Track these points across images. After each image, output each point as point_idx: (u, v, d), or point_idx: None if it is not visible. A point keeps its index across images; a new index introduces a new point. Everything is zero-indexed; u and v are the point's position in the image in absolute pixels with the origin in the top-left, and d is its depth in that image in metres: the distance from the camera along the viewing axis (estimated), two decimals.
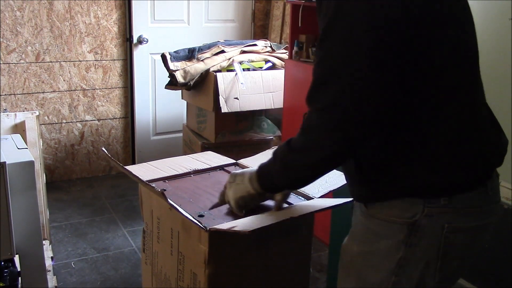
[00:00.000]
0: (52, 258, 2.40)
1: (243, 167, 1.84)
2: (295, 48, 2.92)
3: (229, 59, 2.95)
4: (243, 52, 3.05)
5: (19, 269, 1.64)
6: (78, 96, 3.50)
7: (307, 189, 1.60)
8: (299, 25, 2.87)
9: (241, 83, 2.87)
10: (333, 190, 1.59)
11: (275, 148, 1.24)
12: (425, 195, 1.05)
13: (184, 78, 2.86)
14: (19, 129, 2.36)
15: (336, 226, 2.14)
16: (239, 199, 1.27)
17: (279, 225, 1.51)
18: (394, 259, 1.08)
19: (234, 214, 1.44)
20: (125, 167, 1.55)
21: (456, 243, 1.08)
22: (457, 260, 1.11)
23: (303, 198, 1.58)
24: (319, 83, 1.02)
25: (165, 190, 1.61)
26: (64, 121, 3.50)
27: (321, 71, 1.02)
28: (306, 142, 1.06)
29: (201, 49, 2.96)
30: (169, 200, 1.37)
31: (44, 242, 2.04)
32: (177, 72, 2.85)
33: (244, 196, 1.26)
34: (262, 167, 1.21)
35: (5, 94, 3.26)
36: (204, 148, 2.88)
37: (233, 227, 1.28)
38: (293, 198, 1.57)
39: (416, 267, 1.08)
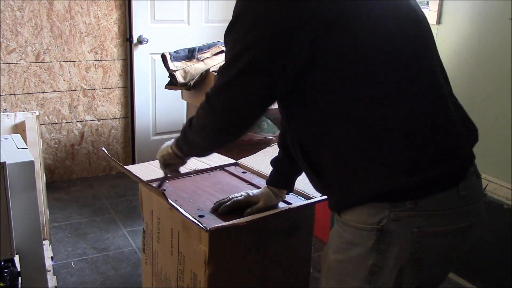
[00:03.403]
0: (52, 258, 2.40)
1: (243, 167, 1.84)
2: None
3: None
4: None
5: (19, 269, 1.64)
6: (78, 96, 3.50)
7: (307, 189, 1.60)
8: None
9: None
10: None
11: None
12: (390, 199, 1.02)
13: (184, 78, 2.86)
14: (19, 129, 2.36)
15: None
16: (161, 157, 1.42)
17: (278, 224, 1.52)
18: (366, 266, 1.06)
19: (234, 215, 1.45)
20: (125, 167, 1.55)
21: (431, 248, 1.05)
22: (436, 266, 1.08)
23: (303, 198, 1.58)
24: (225, 67, 1.10)
25: (165, 190, 1.61)
26: (64, 121, 3.50)
27: (226, 59, 1.10)
28: (195, 121, 1.21)
29: (201, 49, 2.96)
30: (169, 200, 1.38)
31: (44, 242, 2.04)
32: (177, 72, 2.84)
33: (164, 154, 1.40)
34: (179, 136, 1.34)
35: (5, 94, 3.26)
36: None
37: (231, 223, 1.33)
38: (293, 198, 1.57)
39: (390, 274, 1.05)
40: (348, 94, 1.02)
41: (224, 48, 2.97)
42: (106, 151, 1.58)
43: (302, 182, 1.63)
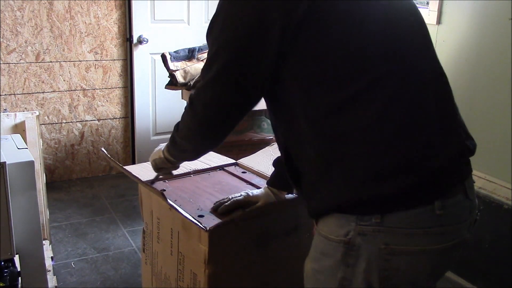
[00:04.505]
0: (52, 258, 2.40)
1: (243, 167, 1.84)
2: None
3: None
4: None
5: (19, 269, 1.64)
6: (78, 96, 3.50)
7: None
8: None
9: None
10: None
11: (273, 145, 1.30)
12: (357, 211, 0.98)
13: (184, 78, 2.86)
14: (19, 129, 2.36)
15: None
16: (152, 161, 1.46)
17: (278, 224, 1.52)
18: (336, 279, 1.03)
19: (233, 214, 1.45)
20: (124, 167, 1.55)
21: (399, 267, 0.99)
22: (406, 286, 1.02)
23: None
24: (204, 67, 1.12)
25: (165, 190, 1.61)
26: (64, 121, 3.50)
27: (206, 60, 1.11)
28: (181, 125, 1.25)
29: (201, 49, 2.95)
30: (168, 200, 1.38)
31: (44, 242, 2.04)
32: (177, 72, 2.84)
33: (156, 159, 1.44)
34: (169, 141, 1.36)
35: (5, 94, 3.26)
36: None
37: (229, 218, 1.36)
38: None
39: None
40: (312, 99, 1.01)
41: None
42: (105, 151, 1.58)
43: None
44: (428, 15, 2.45)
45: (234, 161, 1.88)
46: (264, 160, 1.84)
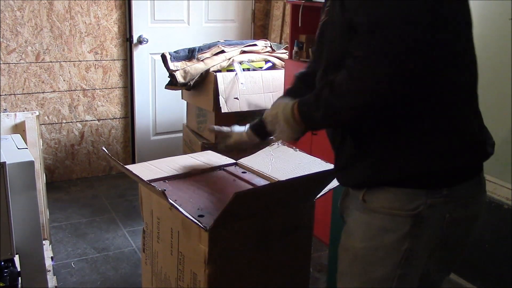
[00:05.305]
0: (52, 258, 2.40)
1: (243, 167, 1.84)
2: (295, 48, 2.92)
3: (229, 59, 2.95)
4: (243, 52, 3.05)
5: (19, 269, 1.64)
6: (78, 96, 3.50)
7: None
8: (299, 25, 2.87)
9: (241, 83, 2.88)
10: (333, 188, 1.60)
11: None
12: (427, 186, 1.07)
13: (184, 78, 2.86)
14: (19, 129, 2.35)
15: (336, 226, 2.14)
16: (273, 116, 1.22)
17: (278, 223, 1.52)
18: (399, 252, 1.09)
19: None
20: (125, 166, 1.55)
21: (455, 232, 1.13)
22: (455, 250, 1.17)
23: None
24: (364, 31, 1.00)
25: (165, 190, 1.61)
26: (64, 121, 3.50)
27: (368, 19, 0.99)
28: (344, 86, 1.04)
29: (201, 49, 2.96)
30: (169, 199, 1.38)
31: (44, 242, 2.04)
32: (177, 72, 2.85)
33: (278, 112, 1.19)
34: (304, 110, 1.14)
35: (5, 94, 3.26)
36: (204, 148, 2.88)
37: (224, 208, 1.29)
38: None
39: (421, 258, 1.11)
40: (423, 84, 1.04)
41: (224, 48, 2.97)
42: (106, 150, 1.58)
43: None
44: None
45: (234, 161, 1.88)
46: (264, 160, 1.84)
